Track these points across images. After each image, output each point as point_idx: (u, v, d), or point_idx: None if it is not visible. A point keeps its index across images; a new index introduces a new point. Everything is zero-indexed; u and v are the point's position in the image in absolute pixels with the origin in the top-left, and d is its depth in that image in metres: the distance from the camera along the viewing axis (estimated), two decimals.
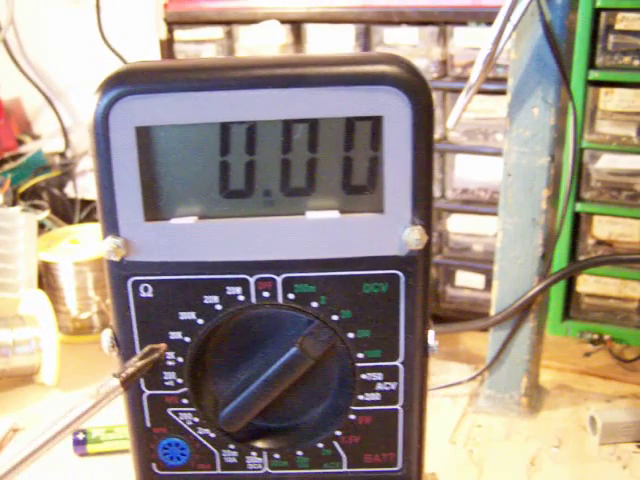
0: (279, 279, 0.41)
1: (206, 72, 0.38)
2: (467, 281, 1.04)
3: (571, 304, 1.01)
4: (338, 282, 0.41)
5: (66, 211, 1.27)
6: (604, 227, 0.95)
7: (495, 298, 0.81)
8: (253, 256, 0.40)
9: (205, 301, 0.41)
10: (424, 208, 0.39)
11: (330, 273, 0.41)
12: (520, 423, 0.81)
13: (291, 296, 0.41)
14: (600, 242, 0.96)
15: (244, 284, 0.41)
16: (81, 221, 1.26)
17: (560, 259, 0.96)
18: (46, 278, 1.00)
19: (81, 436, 0.76)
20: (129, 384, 0.39)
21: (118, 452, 0.76)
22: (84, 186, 1.30)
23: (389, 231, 0.40)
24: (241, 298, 0.41)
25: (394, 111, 0.38)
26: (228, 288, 0.41)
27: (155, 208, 0.40)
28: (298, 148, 0.39)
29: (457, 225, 1.01)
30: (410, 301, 0.41)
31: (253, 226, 0.40)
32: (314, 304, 0.41)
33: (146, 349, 0.41)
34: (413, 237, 0.39)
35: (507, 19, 0.68)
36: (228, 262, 0.41)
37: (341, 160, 0.39)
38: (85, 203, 1.29)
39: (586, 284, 0.99)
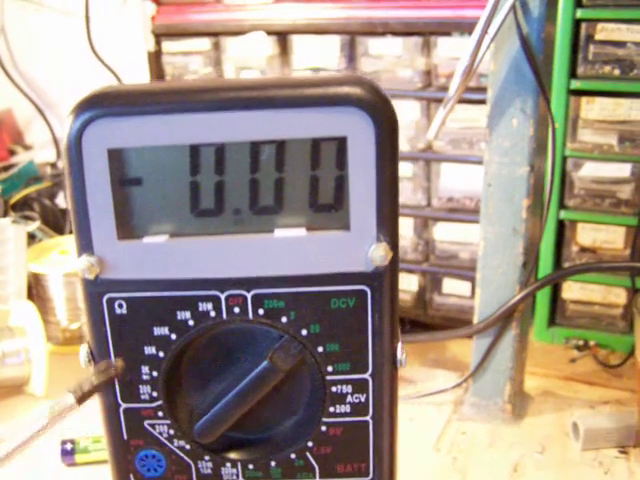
0: (249, 295, 0.42)
1: (175, 95, 0.39)
2: (454, 288, 1.05)
3: (556, 310, 1.02)
4: (306, 298, 0.42)
5: (57, 221, 1.28)
6: (588, 234, 0.96)
7: (478, 306, 0.82)
8: (223, 273, 0.41)
9: (178, 317, 0.42)
10: (389, 225, 0.40)
11: (298, 289, 0.42)
12: (504, 430, 0.82)
13: (261, 312, 0.42)
14: (584, 249, 0.97)
15: (215, 300, 0.42)
16: (72, 231, 1.27)
17: (545, 266, 0.98)
18: (36, 289, 1.01)
19: (69, 446, 0.77)
20: (84, 401, 0.40)
21: (106, 462, 0.77)
22: None
23: (355, 248, 0.41)
24: (212, 314, 0.42)
25: (358, 131, 0.39)
26: (200, 304, 0.42)
27: (128, 227, 0.41)
28: (266, 168, 0.40)
29: (443, 233, 1.02)
30: (377, 315, 0.42)
31: (223, 244, 0.41)
32: (284, 319, 0.42)
33: (102, 365, 0.42)
34: (378, 253, 0.40)
35: (484, 32, 0.69)
36: (199, 279, 0.42)
37: (308, 179, 0.40)
38: None
39: (571, 291, 1.00)
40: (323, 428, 0.45)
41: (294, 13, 1.02)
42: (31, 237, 1.12)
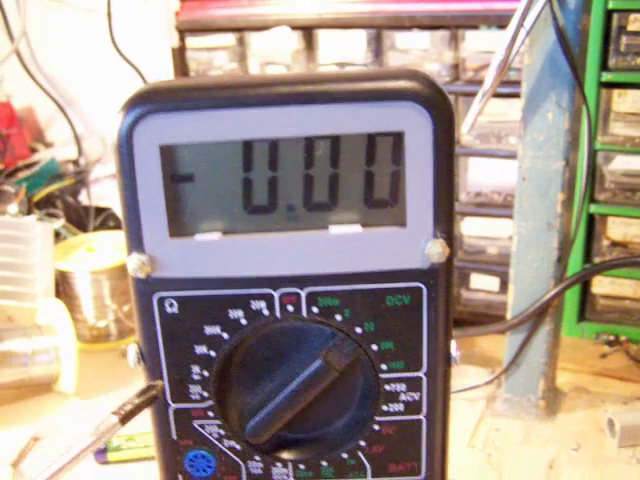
0: (303, 293, 0.41)
1: (228, 90, 0.38)
2: (482, 284, 1.04)
3: (586, 305, 1.01)
4: (361, 295, 0.41)
5: (80, 219, 1.28)
6: (618, 228, 0.95)
7: (511, 302, 0.81)
8: (277, 271, 0.41)
9: (230, 316, 0.42)
10: (446, 221, 0.40)
11: (353, 286, 0.41)
12: (538, 426, 0.82)
13: (315, 310, 0.42)
14: (615, 243, 0.96)
15: (268, 299, 0.41)
16: (95, 229, 1.27)
17: (575, 260, 0.97)
18: (63, 287, 1.01)
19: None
20: (127, 421, 0.41)
21: (139, 460, 0.77)
22: (98, 193, 1.31)
23: (411, 244, 0.40)
24: (266, 312, 0.42)
25: (415, 126, 0.38)
26: (253, 303, 0.42)
27: (179, 224, 0.40)
28: (320, 164, 0.39)
29: (471, 228, 1.02)
30: (432, 313, 0.42)
31: (277, 241, 0.40)
32: (338, 317, 0.42)
33: (144, 387, 0.42)
34: (435, 250, 0.40)
35: (520, 25, 0.68)
36: (252, 277, 0.41)
37: (363, 175, 0.39)
38: (99, 210, 1.29)
39: (601, 285, 0.99)
40: (376, 427, 0.44)
41: (319, 7, 1.01)
42: (56, 235, 1.12)
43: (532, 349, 0.82)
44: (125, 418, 0.41)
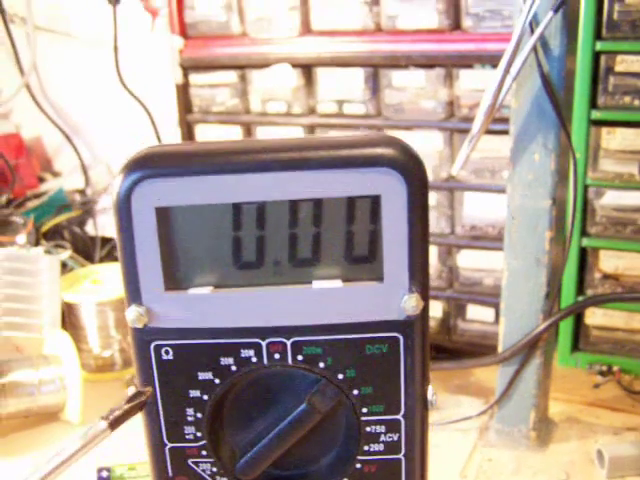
0: (289, 342, 0.44)
1: (219, 157, 0.42)
2: (477, 314, 1.06)
3: (580, 336, 1.03)
4: (343, 344, 0.44)
5: (87, 249, 1.30)
6: (610, 261, 0.97)
7: (502, 334, 0.83)
8: (265, 322, 0.44)
9: (221, 363, 0.45)
10: (420, 277, 0.43)
11: (335, 336, 0.44)
12: (529, 457, 0.83)
13: (300, 358, 0.45)
14: (607, 276, 0.98)
15: (257, 347, 0.45)
16: (102, 259, 1.29)
17: (568, 292, 0.98)
18: (69, 317, 1.04)
19: (105, 474, 0.79)
20: (116, 426, 0.43)
21: None
22: (104, 224, 1.34)
23: (388, 298, 0.43)
24: (254, 360, 0.45)
25: (391, 190, 0.41)
26: (242, 351, 0.45)
27: (174, 279, 0.44)
28: (304, 224, 0.43)
29: (467, 260, 1.04)
30: (409, 360, 0.45)
31: (264, 294, 0.44)
32: (321, 364, 0.45)
33: (132, 393, 0.45)
34: (410, 304, 0.43)
35: (507, 71, 0.71)
36: (242, 328, 0.44)
37: (343, 233, 0.43)
38: (105, 241, 1.32)
39: (594, 316, 1.00)
40: (358, 465, 0.47)
41: (319, 46, 1.04)
42: (63, 266, 1.15)
43: (523, 381, 0.84)
44: (114, 423, 0.44)
